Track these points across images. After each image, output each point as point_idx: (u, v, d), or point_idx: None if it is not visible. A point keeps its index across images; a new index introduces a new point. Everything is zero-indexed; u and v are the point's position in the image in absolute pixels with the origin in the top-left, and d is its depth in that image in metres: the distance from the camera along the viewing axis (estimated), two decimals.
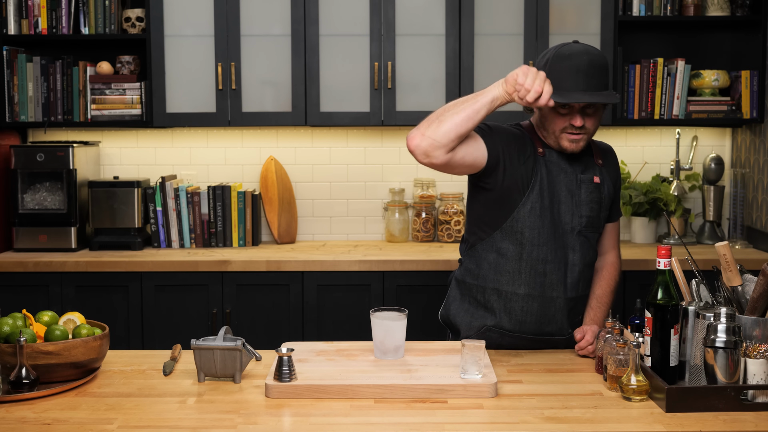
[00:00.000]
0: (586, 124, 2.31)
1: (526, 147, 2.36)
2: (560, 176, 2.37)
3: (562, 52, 2.27)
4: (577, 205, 2.38)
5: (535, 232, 2.34)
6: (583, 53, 2.26)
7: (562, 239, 2.37)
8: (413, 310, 2.77)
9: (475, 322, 2.43)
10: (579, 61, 2.25)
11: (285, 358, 2.00)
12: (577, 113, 2.29)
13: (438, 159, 2.21)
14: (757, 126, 3.80)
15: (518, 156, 2.33)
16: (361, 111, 3.76)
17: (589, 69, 2.24)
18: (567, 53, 2.26)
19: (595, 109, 2.31)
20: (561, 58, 2.26)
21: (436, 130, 2.21)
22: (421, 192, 4.03)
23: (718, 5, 3.78)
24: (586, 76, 2.24)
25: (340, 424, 1.82)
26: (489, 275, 2.39)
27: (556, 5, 3.73)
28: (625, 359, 2.00)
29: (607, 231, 2.52)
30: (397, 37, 3.73)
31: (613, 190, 2.48)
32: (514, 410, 1.90)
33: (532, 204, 2.33)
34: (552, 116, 2.31)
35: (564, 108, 2.28)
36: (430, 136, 2.21)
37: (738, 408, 1.86)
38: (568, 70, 2.24)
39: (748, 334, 1.98)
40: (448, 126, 2.21)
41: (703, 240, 3.95)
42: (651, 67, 3.81)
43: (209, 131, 4.07)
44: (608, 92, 2.29)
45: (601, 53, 2.30)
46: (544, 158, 2.36)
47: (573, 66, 2.24)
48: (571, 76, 2.24)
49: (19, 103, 3.82)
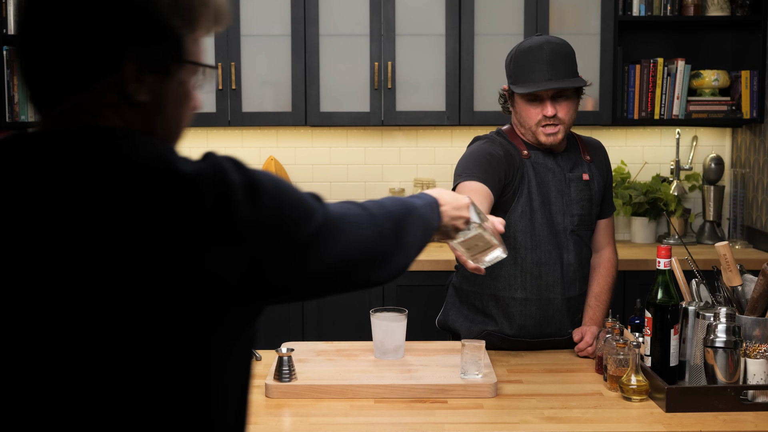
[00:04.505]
0: (559, 114, 2.30)
1: (513, 159, 2.34)
2: (548, 176, 2.36)
3: (522, 47, 2.32)
4: (567, 205, 2.37)
5: (527, 235, 2.33)
6: (544, 43, 2.29)
7: (555, 240, 2.36)
8: (413, 310, 2.76)
9: (474, 327, 2.42)
10: (540, 51, 2.28)
11: (285, 358, 2.00)
12: (547, 102, 2.29)
13: None
14: (757, 126, 3.80)
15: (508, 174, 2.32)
16: (361, 111, 3.76)
17: (551, 57, 2.27)
18: (527, 46, 2.30)
19: (566, 97, 2.31)
20: (523, 52, 2.30)
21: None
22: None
23: (718, 5, 3.78)
24: (549, 64, 2.27)
25: (340, 424, 1.82)
26: (485, 281, 2.38)
27: (556, 5, 3.72)
28: (625, 359, 2.00)
29: (600, 227, 2.51)
30: (397, 37, 3.73)
31: (603, 185, 2.47)
32: (514, 410, 1.89)
33: (522, 208, 2.32)
34: (525, 111, 2.32)
35: (534, 101, 2.29)
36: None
37: (738, 408, 1.86)
38: (532, 62, 2.27)
39: (748, 334, 1.98)
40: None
41: (703, 240, 3.95)
42: (651, 67, 3.81)
43: (209, 131, 4.07)
44: (571, 78, 2.29)
45: (563, 41, 2.33)
46: (530, 160, 2.35)
47: (535, 57, 2.27)
48: (536, 66, 2.27)
49: (19, 103, 3.82)
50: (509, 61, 2.35)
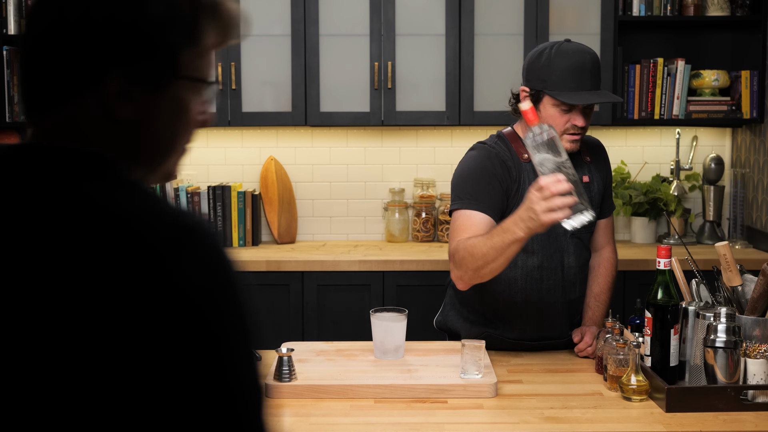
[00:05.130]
0: (585, 123, 2.29)
1: (510, 170, 2.31)
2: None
3: (561, 51, 2.24)
4: None
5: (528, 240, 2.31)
6: (584, 52, 2.25)
7: (555, 244, 2.34)
8: (413, 310, 2.76)
9: (474, 330, 2.41)
10: (582, 59, 2.23)
11: (285, 358, 2.00)
12: (579, 113, 2.25)
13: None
14: (757, 126, 3.80)
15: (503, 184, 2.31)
16: (361, 111, 3.76)
17: (592, 68, 2.24)
18: (568, 51, 2.24)
19: (592, 107, 2.30)
20: (563, 58, 2.22)
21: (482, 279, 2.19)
22: (421, 192, 4.03)
23: (718, 5, 3.78)
24: (590, 75, 2.23)
25: (340, 424, 1.82)
26: (486, 285, 2.31)
27: (556, 5, 3.73)
28: (625, 359, 2.00)
29: (600, 227, 2.49)
30: (397, 37, 3.73)
31: (603, 186, 2.45)
32: (514, 410, 1.89)
33: None
34: (554, 117, 2.25)
35: (567, 109, 2.24)
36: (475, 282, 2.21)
37: (738, 408, 1.86)
38: (572, 69, 2.22)
39: (748, 334, 1.98)
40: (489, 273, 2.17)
41: (703, 240, 3.94)
42: (651, 67, 3.81)
43: (209, 131, 4.07)
44: (607, 92, 2.27)
45: (594, 52, 2.31)
46: (530, 164, 2.31)
47: (577, 65, 2.22)
48: (576, 75, 2.22)
49: (19, 103, 3.82)
50: (543, 63, 2.25)
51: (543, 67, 2.25)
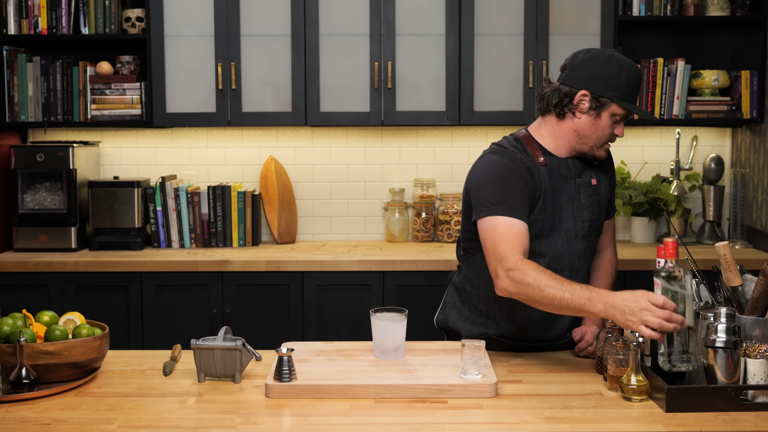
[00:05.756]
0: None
1: (534, 177, 2.29)
2: (560, 183, 2.33)
3: (625, 61, 2.30)
4: (578, 211, 2.35)
5: (539, 242, 2.30)
6: (633, 64, 2.31)
7: (566, 246, 2.34)
8: (413, 310, 2.76)
9: (475, 330, 2.41)
10: (639, 73, 2.32)
11: (285, 358, 2.00)
12: (623, 124, 2.34)
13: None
14: (757, 126, 3.80)
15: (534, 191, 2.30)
16: (361, 111, 3.76)
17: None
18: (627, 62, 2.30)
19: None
20: (632, 71, 2.29)
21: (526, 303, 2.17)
22: (421, 192, 4.03)
23: (718, 5, 3.78)
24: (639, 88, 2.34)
25: (340, 424, 1.82)
26: (491, 285, 2.27)
27: (556, 5, 3.73)
28: (625, 359, 2.00)
29: (604, 228, 2.50)
30: (397, 37, 3.73)
31: (609, 189, 2.47)
32: (514, 410, 1.89)
33: (535, 216, 2.29)
34: (606, 127, 2.31)
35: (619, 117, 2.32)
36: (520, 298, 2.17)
37: (738, 408, 1.86)
38: (636, 82, 2.31)
39: (748, 334, 1.98)
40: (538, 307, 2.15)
41: (703, 240, 3.95)
42: (651, 67, 3.81)
43: (209, 131, 4.07)
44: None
45: None
46: (546, 167, 2.31)
47: (638, 78, 2.31)
48: (637, 88, 2.32)
49: (19, 103, 3.82)
50: (614, 72, 2.26)
51: (614, 76, 2.26)
